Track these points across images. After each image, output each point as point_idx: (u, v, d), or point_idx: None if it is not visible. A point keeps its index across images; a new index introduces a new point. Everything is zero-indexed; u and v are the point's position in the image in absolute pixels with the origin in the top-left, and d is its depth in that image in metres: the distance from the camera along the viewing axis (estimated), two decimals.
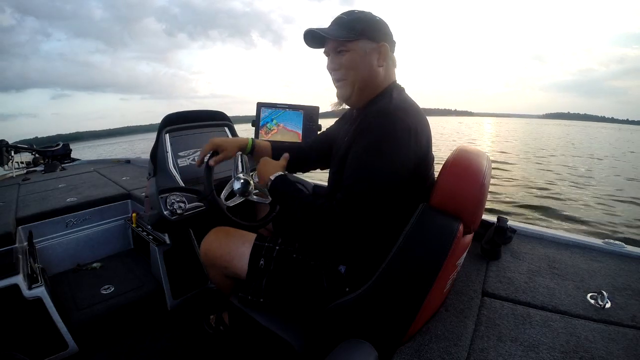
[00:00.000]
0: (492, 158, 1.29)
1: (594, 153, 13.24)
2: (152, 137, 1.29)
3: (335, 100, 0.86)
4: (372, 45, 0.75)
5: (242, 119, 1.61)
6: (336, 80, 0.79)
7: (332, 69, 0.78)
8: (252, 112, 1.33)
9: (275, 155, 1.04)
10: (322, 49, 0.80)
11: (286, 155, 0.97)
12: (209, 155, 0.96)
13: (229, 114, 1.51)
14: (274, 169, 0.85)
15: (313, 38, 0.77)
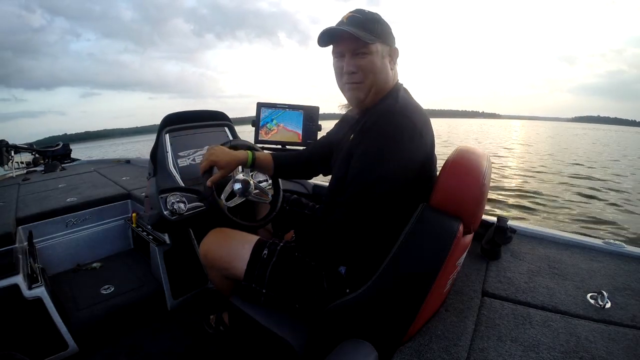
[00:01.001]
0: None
1: None
2: None
3: (344, 102, 0.84)
4: (386, 49, 0.74)
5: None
6: (351, 83, 0.75)
7: (349, 71, 0.74)
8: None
9: (278, 168, 1.03)
10: (329, 47, 0.77)
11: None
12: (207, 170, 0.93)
13: (255, 113, 1.50)
14: None
15: (330, 36, 0.74)
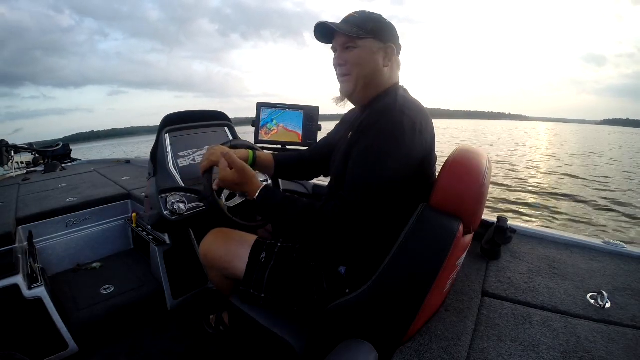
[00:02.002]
0: None
1: None
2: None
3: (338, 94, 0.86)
4: (379, 45, 0.76)
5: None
6: (340, 75, 0.79)
7: (338, 64, 0.78)
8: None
9: (278, 168, 1.03)
10: (329, 45, 0.80)
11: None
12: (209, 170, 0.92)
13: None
14: (249, 179, 0.79)
15: (323, 33, 0.77)
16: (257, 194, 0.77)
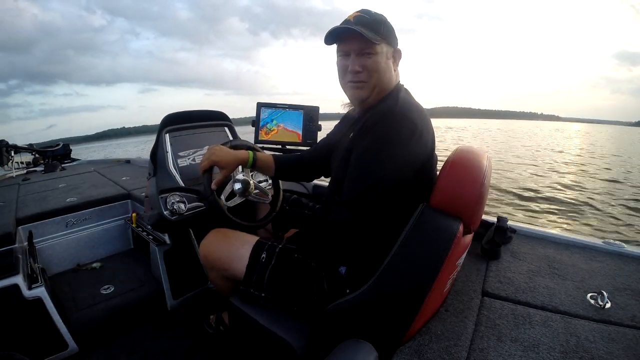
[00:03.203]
0: None
1: None
2: None
3: (347, 100, 0.84)
4: (390, 50, 0.75)
5: (322, 117, 1.59)
6: (355, 82, 0.76)
7: (355, 70, 0.75)
8: (332, 109, 1.29)
9: (279, 169, 1.03)
10: (333, 46, 0.78)
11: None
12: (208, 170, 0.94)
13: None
14: None
15: (339, 35, 0.74)
16: None
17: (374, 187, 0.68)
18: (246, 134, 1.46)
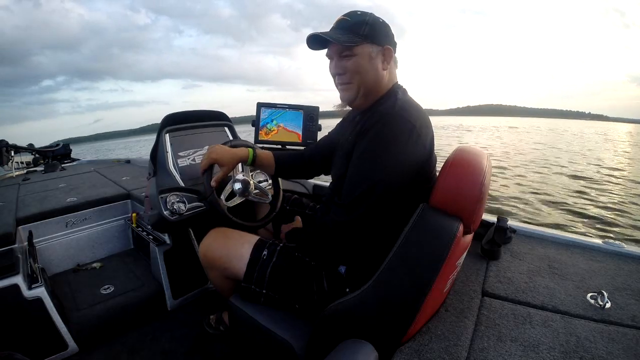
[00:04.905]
0: None
1: None
2: None
3: (338, 101, 0.85)
4: (376, 49, 0.75)
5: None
6: (340, 84, 0.78)
7: (337, 73, 0.77)
8: None
9: (278, 166, 1.03)
10: (324, 51, 0.79)
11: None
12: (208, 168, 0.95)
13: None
14: None
15: (315, 41, 0.76)
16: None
17: (371, 191, 0.68)
18: None
